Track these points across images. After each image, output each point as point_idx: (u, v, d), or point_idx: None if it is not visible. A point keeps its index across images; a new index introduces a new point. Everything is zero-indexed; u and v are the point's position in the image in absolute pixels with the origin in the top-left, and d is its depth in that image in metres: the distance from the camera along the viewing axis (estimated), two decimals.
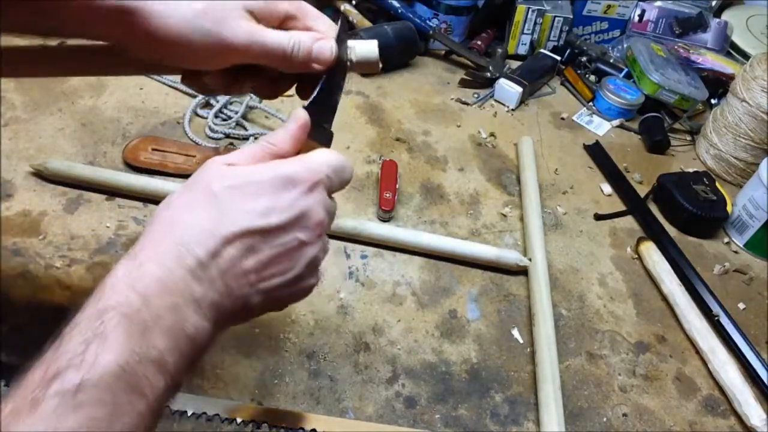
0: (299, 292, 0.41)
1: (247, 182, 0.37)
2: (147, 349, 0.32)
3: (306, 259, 0.40)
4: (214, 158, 0.39)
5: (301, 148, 0.42)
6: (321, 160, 0.40)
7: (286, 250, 0.38)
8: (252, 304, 0.38)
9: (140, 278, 0.33)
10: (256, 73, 0.46)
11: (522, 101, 1.06)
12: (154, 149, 0.81)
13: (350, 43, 0.48)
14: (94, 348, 0.30)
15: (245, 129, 0.88)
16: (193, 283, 0.35)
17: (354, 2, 1.15)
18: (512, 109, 1.05)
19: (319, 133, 0.43)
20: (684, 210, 0.86)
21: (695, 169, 0.97)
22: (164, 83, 0.93)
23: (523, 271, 0.76)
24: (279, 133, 0.41)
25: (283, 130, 0.41)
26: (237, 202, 0.37)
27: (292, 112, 0.42)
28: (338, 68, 0.46)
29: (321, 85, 0.45)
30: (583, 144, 1.01)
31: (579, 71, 1.14)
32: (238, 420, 0.57)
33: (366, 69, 0.48)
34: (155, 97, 0.91)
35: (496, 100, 1.07)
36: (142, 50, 0.42)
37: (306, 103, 0.44)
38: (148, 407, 0.32)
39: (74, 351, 0.30)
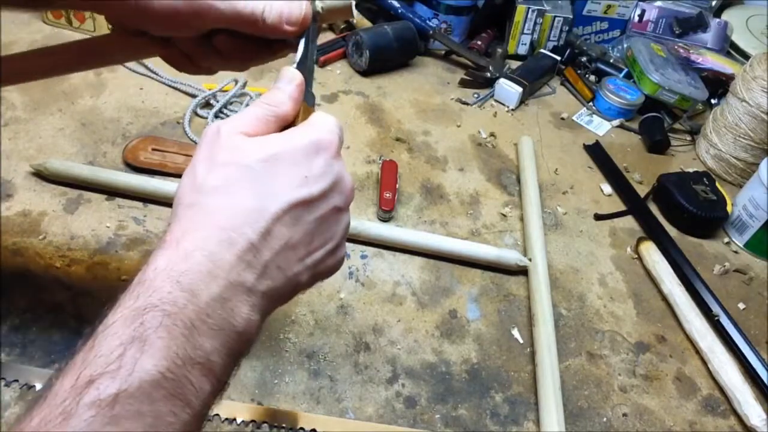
0: (337, 263, 0.40)
1: (280, 153, 0.35)
2: (192, 352, 0.29)
3: (343, 225, 0.39)
4: (222, 127, 0.36)
5: (299, 111, 0.41)
6: (330, 122, 0.38)
7: (327, 218, 0.37)
8: (301, 281, 0.36)
9: (186, 271, 0.30)
10: (227, 42, 0.46)
11: (522, 101, 1.06)
12: (154, 149, 0.80)
13: None
14: (133, 353, 0.27)
15: None
16: (246, 271, 0.32)
17: (354, 2, 1.15)
18: (512, 109, 1.05)
19: (307, 97, 0.42)
20: (684, 210, 0.86)
21: (695, 169, 0.97)
22: (164, 83, 0.93)
23: (523, 271, 0.76)
24: (278, 95, 0.39)
25: (281, 92, 0.39)
26: (276, 175, 0.34)
27: (282, 72, 0.41)
28: (312, 25, 0.45)
29: (303, 45, 0.44)
30: (583, 144, 1.01)
31: (579, 71, 1.14)
32: (238, 420, 0.57)
33: (339, 16, 0.48)
34: (155, 97, 0.91)
35: (496, 100, 1.07)
36: (121, 13, 0.43)
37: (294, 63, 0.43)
38: (193, 414, 0.29)
39: (110, 356, 0.27)
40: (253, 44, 0.46)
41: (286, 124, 0.39)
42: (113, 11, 0.44)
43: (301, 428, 0.57)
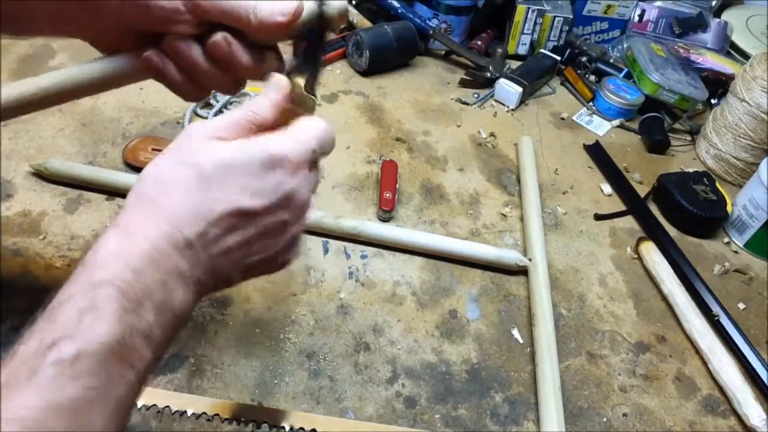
0: (276, 266, 0.42)
1: (236, 162, 0.37)
2: (138, 323, 0.33)
3: (287, 237, 0.41)
4: (196, 128, 0.38)
5: (285, 115, 0.41)
6: (309, 133, 0.40)
7: (270, 230, 0.39)
8: (232, 277, 0.40)
9: (133, 254, 0.34)
10: (222, 49, 0.46)
11: (522, 101, 1.06)
12: (154, 149, 0.80)
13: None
14: (89, 319, 0.31)
15: None
16: (182, 261, 0.36)
17: (354, 2, 1.15)
18: (512, 109, 1.05)
19: (301, 99, 0.43)
20: (684, 210, 0.86)
21: (695, 169, 0.97)
22: None
23: (523, 271, 0.76)
24: (262, 101, 0.41)
25: (266, 98, 0.41)
26: (226, 182, 0.37)
27: (273, 78, 0.42)
28: (319, 29, 0.45)
29: (303, 47, 0.44)
30: (583, 144, 1.01)
31: (579, 71, 1.14)
32: (238, 420, 0.57)
33: (339, 22, 0.48)
34: (155, 97, 0.91)
35: (496, 100, 1.07)
36: (119, 19, 0.44)
37: (288, 69, 0.44)
38: (137, 378, 0.33)
39: (70, 321, 0.31)
40: (252, 51, 0.46)
41: (266, 129, 0.40)
42: (108, 14, 0.44)
43: (301, 428, 0.57)
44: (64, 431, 0.29)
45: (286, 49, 0.48)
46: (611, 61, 1.17)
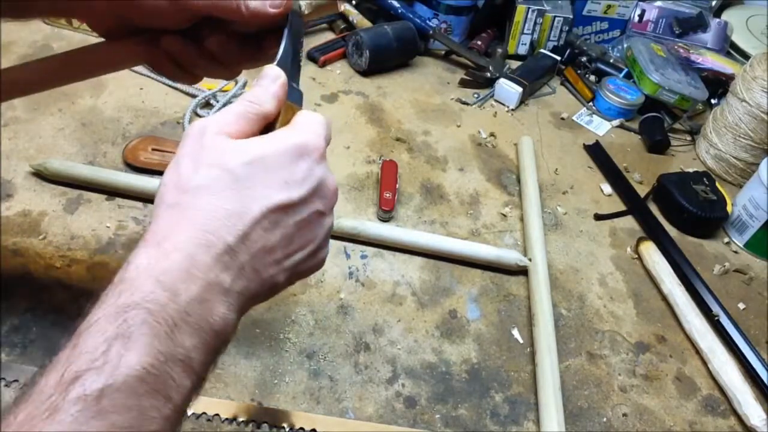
0: (318, 264, 0.40)
1: (263, 156, 0.35)
2: (173, 349, 0.30)
3: (324, 229, 0.39)
4: (205, 126, 0.36)
5: (281, 109, 0.41)
6: (317, 123, 0.39)
7: (308, 222, 0.37)
8: (278, 282, 0.37)
9: (166, 270, 0.31)
10: (217, 42, 0.46)
11: (522, 101, 1.06)
12: (154, 149, 0.81)
13: None
14: (117, 349, 0.28)
15: None
16: (222, 272, 0.33)
17: (354, 2, 1.15)
18: (512, 109, 1.05)
19: (292, 93, 0.42)
20: (684, 210, 0.86)
21: (695, 169, 0.97)
22: (164, 83, 0.93)
23: (523, 271, 0.76)
24: (260, 93, 0.39)
25: (263, 89, 0.39)
26: (258, 179, 0.35)
27: (265, 70, 0.41)
28: (295, 20, 0.45)
29: (285, 41, 0.44)
30: (583, 144, 1.01)
31: (579, 71, 1.14)
32: (238, 420, 0.57)
33: (326, 10, 0.48)
34: (155, 97, 0.91)
35: (496, 100, 1.07)
36: (110, 11, 0.44)
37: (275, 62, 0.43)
38: (174, 410, 0.30)
39: (95, 351, 0.28)
40: (241, 43, 0.47)
41: (269, 122, 0.39)
42: (102, 8, 0.45)
43: (301, 428, 0.57)
44: None
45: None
46: (611, 61, 1.17)
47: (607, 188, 0.93)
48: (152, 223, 0.34)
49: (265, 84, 0.40)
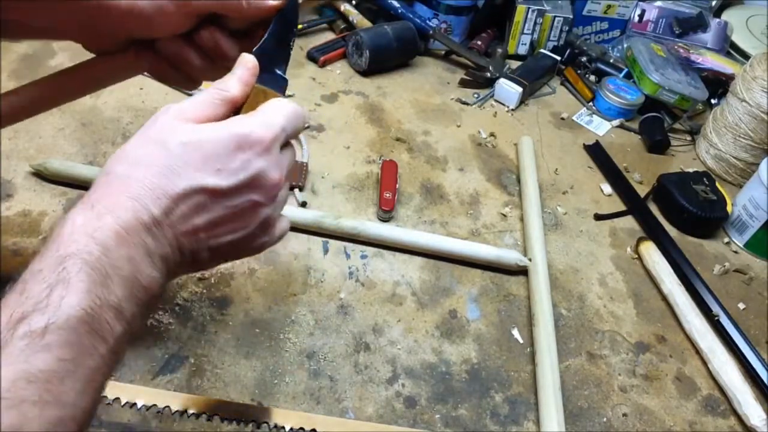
0: (250, 250, 0.43)
1: (202, 140, 0.37)
2: (107, 296, 0.33)
3: (259, 219, 0.41)
4: (167, 107, 0.39)
5: (252, 95, 0.42)
6: (276, 112, 0.40)
7: (239, 210, 0.39)
8: (201, 258, 0.40)
9: (99, 228, 0.34)
10: (211, 38, 0.47)
11: (522, 101, 1.06)
12: None
13: None
14: (59, 292, 0.31)
15: None
16: (147, 237, 0.36)
17: (354, 2, 1.15)
18: (512, 109, 1.05)
19: (271, 79, 0.43)
20: (684, 210, 0.86)
21: (695, 169, 0.97)
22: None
23: (523, 271, 0.76)
24: (227, 78, 0.41)
25: (232, 75, 0.41)
26: (190, 160, 0.37)
27: (240, 57, 0.42)
28: (288, 8, 0.45)
29: (271, 28, 0.44)
30: (583, 144, 1.01)
31: (579, 71, 1.14)
32: (238, 420, 0.57)
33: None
34: (155, 97, 0.91)
35: (496, 100, 1.07)
36: (109, 26, 0.44)
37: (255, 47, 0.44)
38: (108, 351, 0.33)
39: (39, 295, 0.31)
40: (236, 39, 0.47)
41: (236, 107, 0.41)
42: (102, 22, 0.45)
43: (301, 428, 0.57)
44: (38, 400, 0.29)
45: None
46: (611, 61, 1.17)
47: (607, 188, 0.93)
48: (93, 186, 0.37)
49: (236, 71, 0.42)
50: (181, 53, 0.47)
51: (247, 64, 0.42)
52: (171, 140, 0.37)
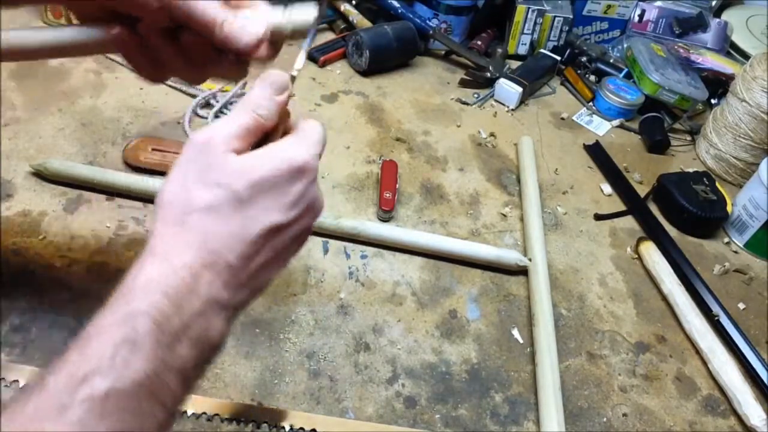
0: (289, 261, 0.43)
1: (266, 178, 0.37)
2: (173, 359, 0.32)
3: (308, 236, 0.42)
4: (211, 139, 0.37)
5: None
6: (315, 138, 0.40)
7: (297, 237, 0.40)
8: (264, 286, 0.40)
9: (173, 285, 0.33)
10: (194, 41, 0.46)
11: (522, 101, 1.06)
12: (154, 149, 0.80)
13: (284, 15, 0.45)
14: (124, 353, 0.30)
15: None
16: (223, 289, 0.35)
17: (354, 2, 1.15)
18: (512, 109, 1.05)
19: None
20: (684, 210, 0.86)
21: (695, 169, 0.97)
22: (164, 83, 0.93)
23: (523, 271, 0.76)
24: (268, 105, 0.40)
25: (271, 101, 0.40)
26: (259, 201, 0.37)
27: (273, 76, 0.40)
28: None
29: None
30: (583, 144, 1.01)
31: (579, 71, 1.14)
32: (238, 420, 0.57)
33: (299, 36, 0.47)
34: (155, 97, 0.91)
35: (496, 100, 1.07)
36: None
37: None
38: (166, 415, 0.32)
39: (103, 355, 0.30)
40: (219, 51, 0.45)
41: (268, 132, 0.40)
42: None
43: (301, 428, 0.57)
44: None
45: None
46: (611, 61, 1.17)
47: (607, 188, 0.93)
48: (159, 235, 0.35)
49: (275, 96, 0.40)
50: (160, 43, 0.46)
51: (282, 86, 0.40)
52: (235, 182, 0.36)
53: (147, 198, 0.75)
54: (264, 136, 0.40)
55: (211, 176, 0.36)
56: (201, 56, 0.46)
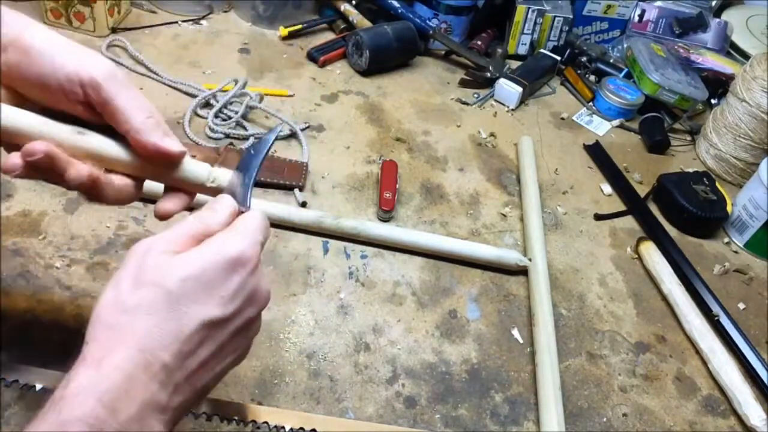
0: (242, 359, 0.42)
1: (199, 273, 0.36)
2: None
3: (254, 331, 0.41)
4: (149, 245, 0.37)
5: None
6: (255, 228, 0.40)
7: (240, 330, 0.39)
8: (209, 387, 0.39)
9: (107, 390, 0.32)
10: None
11: (522, 101, 1.06)
12: None
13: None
14: None
15: (245, 129, 0.88)
16: (160, 391, 0.34)
17: (354, 2, 1.15)
18: (512, 109, 1.05)
19: (243, 198, 0.44)
20: (684, 210, 0.86)
21: (695, 169, 0.97)
22: (164, 83, 0.93)
23: (523, 271, 0.76)
24: (215, 217, 0.41)
25: (220, 215, 0.41)
26: (192, 296, 0.36)
27: (220, 199, 0.43)
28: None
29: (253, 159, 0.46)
30: (583, 144, 1.01)
31: (579, 71, 1.14)
32: (238, 420, 0.57)
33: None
34: (155, 97, 0.91)
35: (496, 100, 1.07)
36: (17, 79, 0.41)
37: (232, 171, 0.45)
38: None
39: None
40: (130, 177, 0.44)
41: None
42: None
43: (301, 428, 0.57)
44: None
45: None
46: (611, 61, 1.17)
47: (607, 188, 0.93)
48: (90, 342, 0.34)
49: (222, 210, 0.42)
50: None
51: (232, 209, 0.42)
52: (167, 279, 0.36)
53: (147, 198, 0.75)
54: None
55: (145, 277, 0.36)
56: (98, 187, 0.43)
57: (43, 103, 0.42)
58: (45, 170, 0.40)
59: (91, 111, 0.42)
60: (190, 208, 0.47)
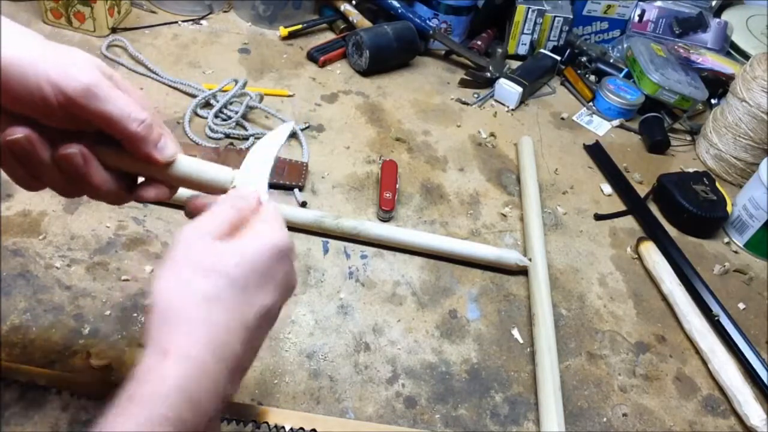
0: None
1: (256, 263, 0.38)
2: None
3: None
4: (197, 231, 0.38)
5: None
6: (281, 218, 0.42)
7: (276, 313, 0.41)
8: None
9: (187, 384, 0.33)
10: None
11: (522, 101, 1.06)
12: None
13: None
14: None
15: (245, 129, 0.88)
16: (226, 381, 0.35)
17: (354, 2, 1.15)
18: (512, 109, 1.05)
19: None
20: (684, 210, 0.86)
21: (695, 169, 0.97)
22: (164, 83, 0.93)
23: (523, 271, 0.76)
24: (246, 206, 0.42)
25: (249, 204, 0.42)
26: (255, 285, 0.37)
27: (244, 186, 0.44)
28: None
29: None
30: (583, 144, 1.01)
31: (579, 71, 1.14)
32: (238, 420, 0.57)
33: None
34: (155, 97, 0.91)
35: (496, 100, 1.07)
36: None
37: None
38: None
39: None
40: (107, 174, 0.43)
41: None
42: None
43: (301, 428, 0.57)
44: None
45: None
46: (611, 61, 1.17)
47: (607, 188, 0.93)
48: (159, 331, 0.34)
49: (250, 200, 0.42)
50: (34, 152, 0.40)
51: (256, 197, 0.43)
52: (229, 267, 0.36)
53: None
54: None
55: (206, 264, 0.36)
56: (84, 178, 0.42)
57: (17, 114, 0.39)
58: (22, 155, 0.39)
59: (72, 122, 0.40)
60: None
